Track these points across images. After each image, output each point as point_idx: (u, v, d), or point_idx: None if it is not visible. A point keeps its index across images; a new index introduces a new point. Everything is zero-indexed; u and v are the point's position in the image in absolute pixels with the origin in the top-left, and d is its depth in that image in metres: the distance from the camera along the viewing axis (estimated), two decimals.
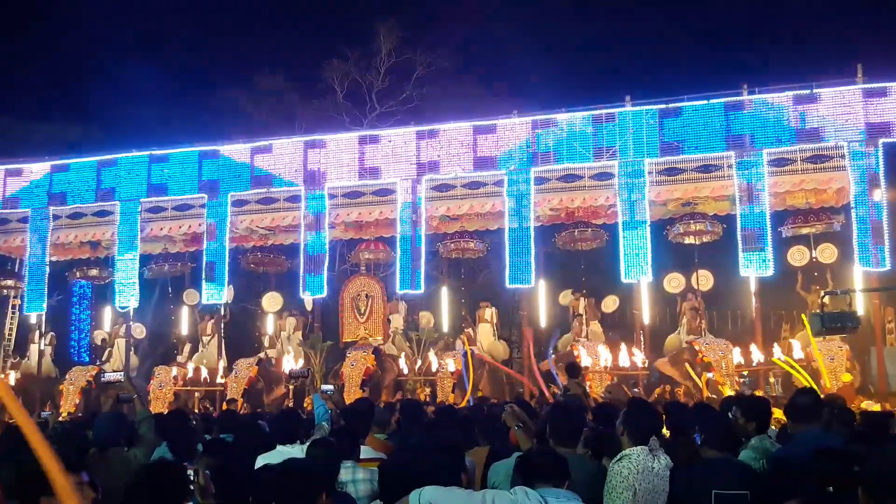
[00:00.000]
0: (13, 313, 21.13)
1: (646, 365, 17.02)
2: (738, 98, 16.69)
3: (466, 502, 3.39)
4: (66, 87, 25.48)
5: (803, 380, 14.23)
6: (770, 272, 16.40)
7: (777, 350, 15.94)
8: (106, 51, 26.67)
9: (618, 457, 4.48)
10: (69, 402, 17.50)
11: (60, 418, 13.81)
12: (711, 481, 4.07)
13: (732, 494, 3.96)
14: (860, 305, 15.95)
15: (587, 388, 11.34)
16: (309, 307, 19.38)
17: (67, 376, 18.17)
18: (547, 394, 14.07)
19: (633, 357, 16.92)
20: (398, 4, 24.73)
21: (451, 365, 17.11)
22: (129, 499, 3.30)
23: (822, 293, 15.16)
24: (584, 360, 16.06)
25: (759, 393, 14.41)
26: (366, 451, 5.19)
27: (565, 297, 18.81)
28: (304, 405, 15.65)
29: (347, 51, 24.21)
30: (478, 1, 25.18)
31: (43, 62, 26.46)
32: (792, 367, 15.11)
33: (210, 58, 25.71)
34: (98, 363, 19.22)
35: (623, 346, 17.00)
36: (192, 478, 3.49)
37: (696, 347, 16.57)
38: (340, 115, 23.56)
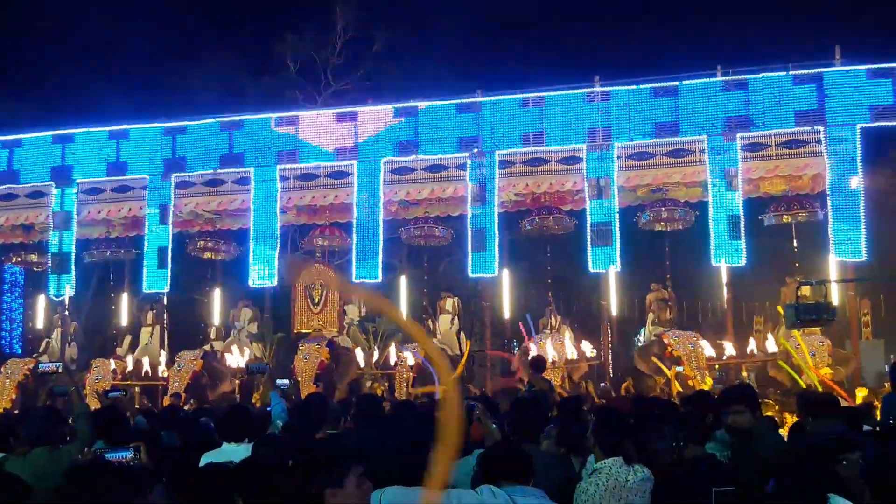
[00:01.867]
0: None
1: None
2: (716, 79, 16.14)
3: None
4: (17, 63, 24.28)
5: (809, 378, 13.82)
6: (743, 262, 15.92)
7: (757, 343, 15.60)
8: (56, 27, 25.54)
9: (589, 471, 4.41)
10: (5, 396, 16.71)
11: None
12: (704, 479, 4.05)
13: (731, 491, 3.89)
14: (835, 297, 15.52)
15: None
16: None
17: (2, 369, 17.27)
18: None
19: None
20: None
21: (411, 358, 16.55)
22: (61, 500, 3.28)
23: (798, 283, 14.75)
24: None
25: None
26: None
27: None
28: (253, 401, 14.92)
29: (301, 25, 23.33)
30: None
31: None
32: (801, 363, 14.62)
33: (160, 34, 24.57)
34: (35, 355, 18.19)
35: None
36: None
37: (665, 341, 16.09)
38: (293, 93, 22.60)
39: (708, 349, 15.97)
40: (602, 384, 16.99)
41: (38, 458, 5.06)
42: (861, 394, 13.32)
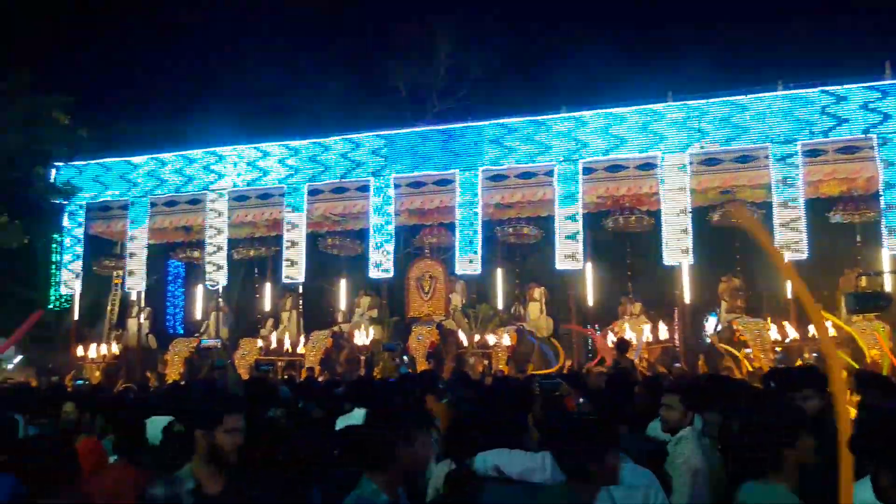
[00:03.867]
0: (115, 291, 23.60)
1: None
2: (776, 93, 17.65)
3: (527, 464, 3.51)
4: (161, 88, 27.73)
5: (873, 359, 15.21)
6: (804, 256, 17.27)
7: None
8: (199, 59, 28.85)
9: (675, 439, 4.54)
10: (174, 370, 19.49)
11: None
12: None
13: None
14: (889, 287, 16.95)
15: None
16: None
17: (171, 347, 20.22)
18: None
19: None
20: (455, 6, 26.32)
21: (507, 339, 18.67)
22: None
23: (857, 274, 16.46)
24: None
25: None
26: None
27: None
28: (374, 374, 17.51)
29: (410, 53, 26.06)
30: (526, 4, 26.58)
31: (144, 64, 28.77)
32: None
33: (282, 62, 27.66)
34: (197, 335, 21.30)
35: None
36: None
37: (735, 326, 17.80)
38: (404, 113, 25.42)
39: (774, 333, 17.54)
40: (676, 364, 18.94)
41: None
42: None
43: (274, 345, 19.93)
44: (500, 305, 20.77)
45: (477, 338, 19.19)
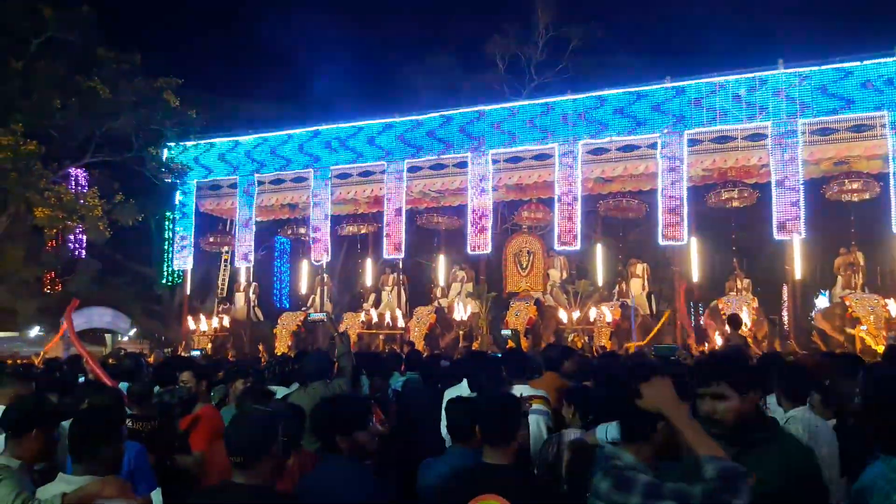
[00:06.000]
0: (225, 266, 24.53)
1: None
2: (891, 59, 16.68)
3: None
4: (267, 70, 28.47)
5: None
6: None
7: None
8: (299, 40, 29.47)
9: (783, 420, 4.41)
10: (283, 342, 20.18)
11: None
12: None
13: None
14: None
15: None
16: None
17: (279, 321, 20.95)
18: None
19: None
20: None
21: (608, 315, 18.50)
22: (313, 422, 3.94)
23: None
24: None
25: None
26: (528, 388, 5.51)
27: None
28: (473, 347, 17.66)
29: (508, 27, 25.90)
30: None
31: (252, 51, 29.64)
32: None
33: (385, 41, 27.93)
34: (303, 309, 21.94)
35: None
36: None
37: (847, 303, 17.08)
38: (501, 87, 25.25)
39: (894, 310, 16.77)
40: (787, 341, 18.37)
41: (317, 391, 5.43)
42: None
43: (375, 319, 20.29)
44: (599, 281, 20.50)
45: (577, 314, 19.04)
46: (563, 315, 19.19)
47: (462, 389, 5.53)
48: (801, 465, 2.77)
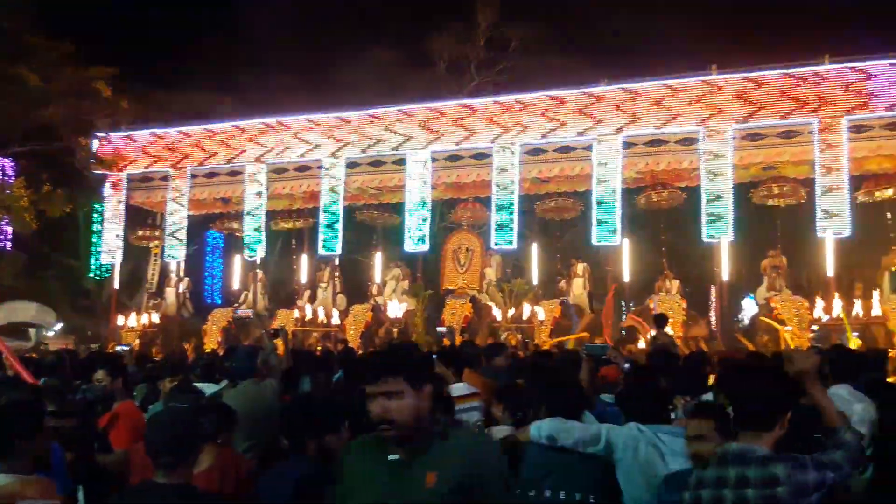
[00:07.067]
0: (154, 261, 23.97)
1: None
2: (819, 68, 17.16)
3: (583, 435, 3.64)
4: (204, 62, 27.78)
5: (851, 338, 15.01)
6: (847, 233, 16.88)
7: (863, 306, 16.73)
8: (238, 31, 28.84)
9: None
10: (212, 339, 19.83)
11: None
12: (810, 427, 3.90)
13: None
14: None
15: None
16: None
17: (210, 317, 20.58)
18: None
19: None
20: None
21: (542, 313, 18.54)
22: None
23: None
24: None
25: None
26: (465, 386, 5.66)
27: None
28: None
29: (449, 25, 25.97)
30: None
31: (189, 43, 28.87)
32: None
33: (327, 35, 27.60)
34: (235, 305, 21.58)
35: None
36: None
37: (772, 304, 17.54)
38: (441, 86, 25.29)
39: (818, 311, 17.14)
40: (713, 341, 18.78)
41: (247, 389, 5.44)
42: None
43: (309, 316, 20.12)
44: (535, 280, 20.71)
45: (511, 312, 19.19)
46: (497, 313, 19.31)
47: None
48: (481, 460, 2.59)
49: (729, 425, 3.14)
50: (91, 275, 27.66)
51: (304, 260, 22.27)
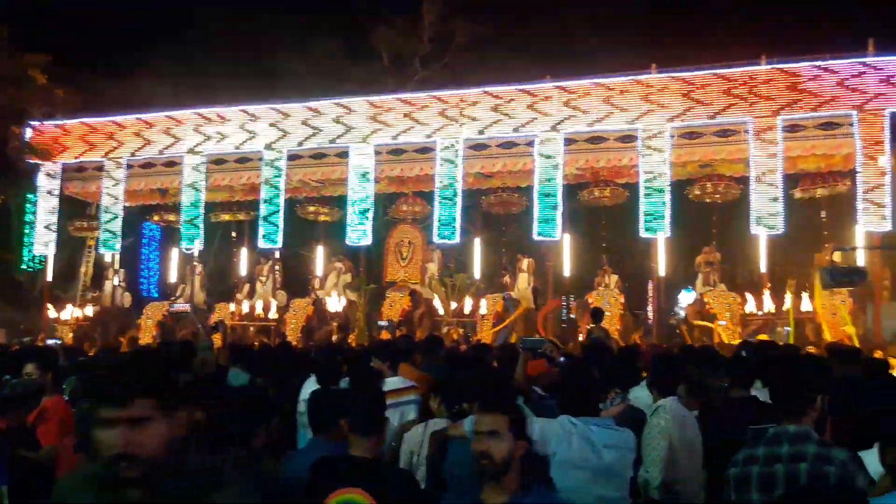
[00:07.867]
0: (89, 253, 23.36)
1: None
2: (756, 68, 17.57)
3: None
4: (145, 50, 26.99)
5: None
6: (780, 231, 17.29)
7: (793, 302, 17.16)
8: (182, 19, 28.08)
9: (653, 408, 4.60)
10: (148, 333, 19.46)
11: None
12: (742, 418, 4.20)
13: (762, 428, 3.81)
14: (861, 264, 17.14)
15: None
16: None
17: (144, 311, 20.16)
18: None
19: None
20: None
21: (484, 308, 18.71)
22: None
23: (832, 249, 16.60)
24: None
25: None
26: (401, 380, 5.70)
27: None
28: (349, 340, 17.57)
29: (395, 19, 25.80)
30: None
31: (130, 31, 28.13)
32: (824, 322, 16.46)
33: (270, 25, 27.12)
34: (171, 299, 21.15)
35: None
36: None
37: (705, 299, 17.96)
38: (385, 79, 25.18)
39: (750, 306, 17.71)
40: (649, 335, 19.18)
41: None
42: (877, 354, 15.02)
43: (247, 310, 19.85)
44: (477, 275, 20.79)
45: (454, 306, 19.23)
46: (440, 307, 19.34)
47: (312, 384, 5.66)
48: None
49: (524, 426, 3.00)
50: (23, 267, 26.79)
51: (243, 253, 21.99)
